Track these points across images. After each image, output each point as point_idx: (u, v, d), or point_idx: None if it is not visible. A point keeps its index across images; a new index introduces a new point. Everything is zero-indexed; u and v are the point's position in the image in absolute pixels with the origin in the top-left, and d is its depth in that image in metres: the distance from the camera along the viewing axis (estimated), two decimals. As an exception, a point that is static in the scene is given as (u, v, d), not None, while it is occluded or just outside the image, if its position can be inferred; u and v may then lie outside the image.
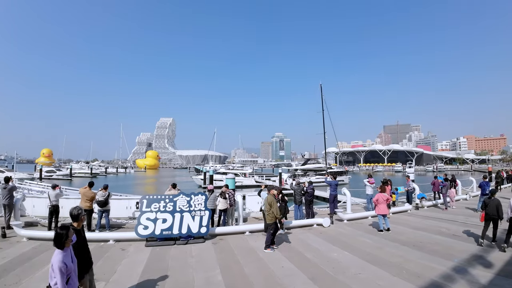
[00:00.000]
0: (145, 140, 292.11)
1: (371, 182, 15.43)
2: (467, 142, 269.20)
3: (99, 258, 7.98)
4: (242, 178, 45.80)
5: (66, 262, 3.75)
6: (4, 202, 11.00)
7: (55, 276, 3.65)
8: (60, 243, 3.76)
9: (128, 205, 13.48)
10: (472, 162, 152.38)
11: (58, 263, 3.64)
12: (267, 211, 9.15)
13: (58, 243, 3.77)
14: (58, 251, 3.78)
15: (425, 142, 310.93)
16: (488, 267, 7.07)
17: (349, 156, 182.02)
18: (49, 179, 54.53)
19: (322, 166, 55.58)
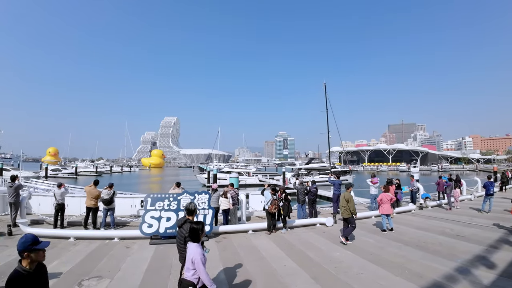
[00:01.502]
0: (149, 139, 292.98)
1: (374, 182, 15.42)
2: (472, 142, 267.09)
3: (104, 256, 8.10)
4: (245, 177, 45.85)
5: (204, 254, 4.11)
6: (11, 200, 11.15)
7: (193, 268, 4.00)
8: (196, 237, 4.18)
9: (132, 203, 13.58)
10: (478, 162, 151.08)
11: (199, 255, 3.99)
12: (344, 206, 9.57)
13: (194, 237, 4.18)
14: (195, 244, 4.15)
15: (430, 142, 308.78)
16: (491, 268, 7.06)
17: (353, 156, 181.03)
18: (54, 177, 55.04)
19: (326, 166, 55.43)
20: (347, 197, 9.63)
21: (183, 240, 4.86)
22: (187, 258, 4.11)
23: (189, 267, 4.07)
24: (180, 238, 4.99)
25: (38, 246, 2.94)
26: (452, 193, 16.23)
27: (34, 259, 2.93)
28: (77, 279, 6.44)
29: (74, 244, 9.21)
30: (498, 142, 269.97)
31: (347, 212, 9.55)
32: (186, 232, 4.73)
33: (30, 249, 2.90)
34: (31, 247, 2.90)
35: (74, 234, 9.80)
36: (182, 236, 4.90)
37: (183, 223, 5.03)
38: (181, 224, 5.04)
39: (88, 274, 6.76)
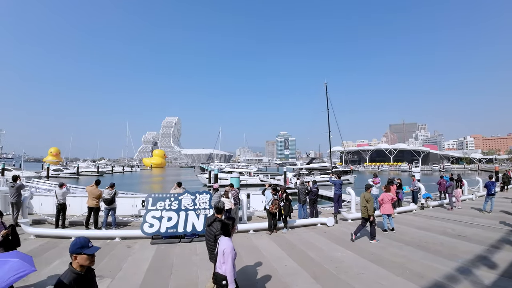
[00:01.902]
0: (151, 139, 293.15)
1: (375, 182, 15.40)
2: (474, 142, 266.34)
3: (105, 255, 8.12)
4: (247, 177, 45.87)
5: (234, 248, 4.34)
6: (12, 200, 11.18)
7: (224, 261, 4.21)
8: (228, 232, 4.44)
9: (134, 203, 13.61)
10: (479, 161, 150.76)
11: (230, 248, 4.21)
12: (364, 206, 9.67)
13: (226, 232, 4.44)
14: (227, 238, 4.40)
15: (432, 141, 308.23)
16: (492, 268, 7.05)
17: (355, 155, 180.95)
18: (56, 177, 55.17)
19: (327, 165, 55.38)
20: (367, 198, 9.76)
21: (213, 238, 5.03)
22: (219, 251, 4.30)
23: (221, 261, 4.26)
24: (209, 236, 5.15)
25: (85, 250, 2.95)
26: (453, 193, 16.20)
27: (80, 262, 2.94)
28: (79, 279, 6.45)
29: (76, 244, 9.21)
30: (499, 141, 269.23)
31: (367, 212, 9.67)
32: (216, 230, 5.00)
33: (78, 252, 2.92)
34: (79, 250, 2.93)
35: (75, 234, 9.81)
36: (212, 234, 5.07)
37: (212, 221, 5.23)
38: (211, 223, 5.23)
39: (90, 273, 6.77)
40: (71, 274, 2.89)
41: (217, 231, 4.97)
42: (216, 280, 4.32)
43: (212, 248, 5.05)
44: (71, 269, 2.94)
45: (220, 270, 4.28)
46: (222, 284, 4.20)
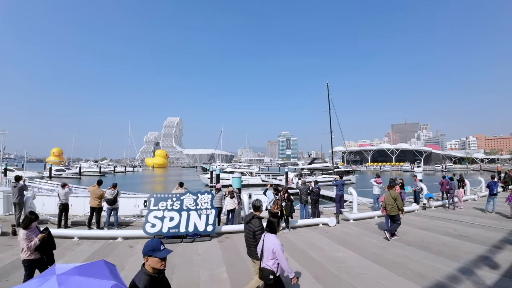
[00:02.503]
0: (152, 139, 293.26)
1: (378, 182, 15.37)
2: (476, 141, 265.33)
3: (108, 255, 8.16)
4: (248, 177, 45.84)
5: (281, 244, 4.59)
6: (14, 201, 11.25)
7: (273, 257, 4.49)
8: (274, 229, 4.74)
9: (136, 203, 13.67)
10: (482, 161, 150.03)
11: (279, 245, 4.51)
12: (391, 204, 10.03)
13: (273, 229, 4.73)
14: (274, 235, 4.68)
15: (434, 141, 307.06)
16: (494, 268, 7.04)
17: (357, 155, 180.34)
18: (58, 177, 55.38)
19: (328, 166, 55.30)
20: (394, 195, 10.09)
21: (252, 234, 5.23)
22: (267, 248, 4.56)
23: (268, 257, 4.52)
24: (249, 233, 5.34)
25: (156, 253, 2.96)
26: (455, 193, 16.16)
27: (152, 265, 2.96)
28: (81, 279, 6.49)
29: (78, 244, 9.28)
30: (502, 141, 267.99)
31: (394, 210, 9.99)
32: (255, 226, 5.21)
33: (149, 255, 2.95)
34: (151, 253, 2.95)
35: (78, 234, 9.88)
36: (251, 230, 5.26)
37: (251, 218, 5.42)
38: (249, 220, 5.42)
39: (92, 273, 6.81)
40: (144, 276, 2.90)
41: (256, 227, 5.20)
42: (263, 275, 4.59)
43: (251, 244, 5.29)
44: (144, 270, 2.96)
45: (267, 266, 4.54)
46: (270, 278, 4.51)
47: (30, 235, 5.29)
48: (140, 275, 2.92)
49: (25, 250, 5.22)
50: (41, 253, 5.43)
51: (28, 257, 5.25)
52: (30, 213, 5.55)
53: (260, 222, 5.37)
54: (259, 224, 5.30)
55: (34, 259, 5.32)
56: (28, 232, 5.29)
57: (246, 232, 5.43)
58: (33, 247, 5.24)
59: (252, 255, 5.34)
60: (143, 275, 2.90)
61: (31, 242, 5.23)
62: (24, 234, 5.23)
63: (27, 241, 5.21)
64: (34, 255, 5.30)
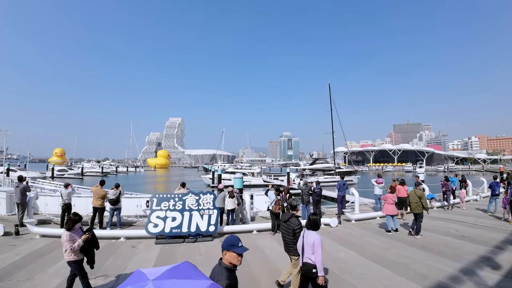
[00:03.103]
0: (154, 139, 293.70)
1: (379, 182, 15.36)
2: (478, 142, 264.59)
3: (110, 255, 8.20)
4: (250, 178, 45.85)
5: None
6: (17, 201, 11.32)
7: (314, 251, 4.78)
8: (316, 226, 5.06)
9: (138, 203, 13.72)
10: (484, 162, 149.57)
11: (319, 240, 4.83)
12: (416, 202, 10.37)
13: (315, 226, 5.04)
14: (315, 232, 5.00)
15: (436, 142, 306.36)
16: (496, 269, 7.04)
17: (358, 156, 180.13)
18: (61, 178, 55.52)
19: (330, 166, 55.27)
20: (419, 194, 10.47)
21: (292, 232, 5.54)
22: (308, 244, 4.86)
23: (310, 252, 4.83)
24: (288, 231, 5.63)
25: (235, 249, 3.08)
26: (458, 193, 16.13)
27: (229, 259, 3.07)
28: (84, 278, 6.53)
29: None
30: (504, 142, 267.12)
31: (419, 208, 10.30)
32: (294, 225, 5.53)
33: (228, 249, 3.07)
34: (230, 247, 3.08)
35: (80, 234, 9.90)
36: (291, 228, 5.57)
37: (289, 217, 5.73)
38: (288, 219, 5.72)
39: (95, 273, 6.84)
40: (224, 270, 3.02)
41: (296, 226, 5.51)
42: (306, 269, 4.89)
43: (289, 241, 5.61)
44: (223, 264, 3.07)
45: (309, 260, 4.84)
46: (312, 272, 4.77)
47: (74, 237, 5.31)
48: (219, 268, 3.04)
49: (69, 251, 5.24)
50: (85, 254, 5.49)
51: (72, 258, 5.29)
52: (74, 215, 5.57)
53: (299, 221, 5.69)
54: (298, 223, 5.62)
55: (78, 259, 5.38)
56: (72, 233, 5.32)
57: (285, 230, 5.73)
58: (76, 248, 5.26)
59: (290, 251, 5.64)
60: (223, 269, 3.02)
61: (75, 244, 5.25)
62: (68, 236, 5.25)
63: (70, 242, 5.23)
64: (77, 256, 5.35)
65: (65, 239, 5.22)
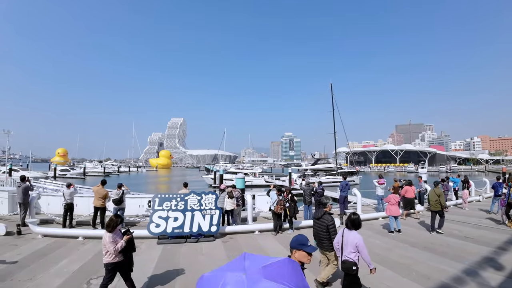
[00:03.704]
0: (156, 139, 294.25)
1: (380, 183, 15.32)
2: (481, 142, 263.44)
3: (112, 255, 8.19)
4: (251, 178, 45.83)
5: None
6: (20, 201, 11.34)
7: (355, 251, 4.97)
8: (358, 225, 5.22)
9: (140, 203, 13.73)
10: (486, 162, 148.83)
11: (362, 240, 5.03)
12: (436, 200, 10.89)
13: (356, 225, 5.21)
14: (356, 231, 5.18)
15: (438, 142, 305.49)
16: (499, 270, 7.00)
17: (360, 156, 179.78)
18: (63, 177, 55.73)
19: (332, 166, 55.21)
20: (438, 193, 10.96)
21: (325, 228, 5.79)
22: (349, 243, 5.05)
23: (351, 250, 5.02)
24: (321, 228, 5.88)
25: (304, 247, 3.10)
26: (460, 194, 16.05)
27: (299, 258, 3.09)
28: (86, 278, 6.55)
29: (83, 243, 9.34)
30: (507, 142, 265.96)
31: (438, 206, 10.81)
32: (328, 222, 5.79)
33: (298, 248, 3.11)
34: (300, 246, 3.12)
35: (82, 234, 9.94)
36: (324, 225, 5.82)
37: (322, 214, 5.97)
38: (321, 216, 5.97)
39: (97, 273, 6.85)
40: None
41: (329, 222, 5.79)
42: (345, 266, 5.09)
43: (323, 237, 5.86)
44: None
45: (349, 258, 5.04)
46: (353, 268, 5.02)
47: (116, 238, 5.32)
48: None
49: (111, 253, 5.24)
50: (124, 255, 5.49)
51: (112, 260, 5.28)
52: (115, 216, 5.55)
53: (332, 218, 5.97)
54: (332, 220, 5.90)
55: (118, 261, 5.37)
56: (113, 234, 5.32)
57: (318, 226, 5.99)
58: (119, 249, 5.27)
59: (324, 247, 5.88)
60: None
61: (117, 245, 5.26)
62: (110, 237, 5.25)
63: (113, 244, 5.23)
64: (118, 257, 5.35)
65: (108, 241, 5.20)
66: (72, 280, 6.45)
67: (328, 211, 6.13)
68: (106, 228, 5.36)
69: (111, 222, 5.36)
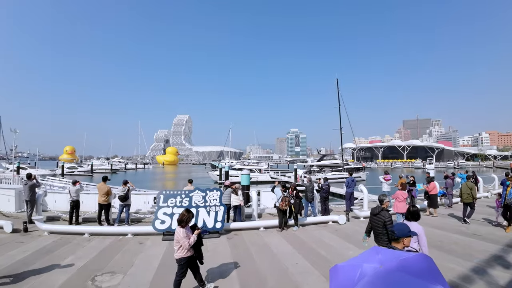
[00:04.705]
0: (162, 137, 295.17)
1: (387, 179, 15.15)
2: (489, 138, 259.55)
3: (118, 251, 8.24)
4: (257, 174, 45.82)
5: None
6: (26, 198, 11.44)
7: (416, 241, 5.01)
8: (419, 217, 5.42)
9: (146, 200, 13.81)
10: (495, 158, 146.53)
11: (423, 230, 5.14)
12: (467, 193, 11.59)
13: (417, 217, 5.39)
14: (416, 222, 5.29)
15: (446, 138, 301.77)
16: (508, 268, 6.87)
17: (367, 152, 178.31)
18: (71, 175, 56.26)
19: (338, 162, 54.88)
20: (470, 186, 11.72)
21: (382, 224, 5.94)
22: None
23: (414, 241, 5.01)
24: (378, 223, 6.04)
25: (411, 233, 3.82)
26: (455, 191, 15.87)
27: (406, 244, 3.76)
28: (91, 274, 6.58)
29: (89, 240, 9.39)
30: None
31: (470, 198, 11.51)
32: (385, 218, 5.92)
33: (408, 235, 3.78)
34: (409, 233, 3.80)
35: (88, 230, 10.00)
36: (381, 221, 5.97)
37: (380, 211, 6.13)
38: (378, 212, 6.12)
39: (102, 269, 6.89)
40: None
41: (387, 218, 5.91)
42: None
43: (380, 232, 6.00)
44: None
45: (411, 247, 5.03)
46: None
47: (188, 233, 5.43)
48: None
49: (185, 248, 5.34)
50: (195, 250, 5.61)
51: (185, 254, 5.38)
52: (187, 211, 5.65)
53: (389, 214, 6.09)
54: (389, 216, 6.02)
55: (190, 256, 5.47)
56: (186, 229, 5.43)
57: (375, 222, 6.14)
58: (192, 243, 5.39)
59: (379, 242, 5.98)
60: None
61: (190, 239, 5.37)
62: (184, 232, 5.35)
63: (187, 238, 5.33)
64: (190, 252, 5.46)
65: (182, 236, 5.31)
66: (77, 277, 6.48)
67: (386, 208, 6.31)
68: (179, 224, 5.45)
69: (183, 217, 5.47)
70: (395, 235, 3.82)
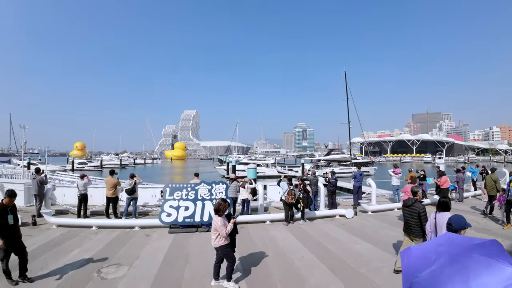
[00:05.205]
0: (170, 132, 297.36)
1: (396, 173, 14.91)
2: (500, 132, 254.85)
3: (124, 244, 8.27)
4: (264, 169, 45.78)
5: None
6: (34, 192, 11.56)
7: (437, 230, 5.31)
8: (449, 208, 5.54)
9: (153, 193, 13.89)
10: (505, 153, 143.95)
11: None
12: (492, 186, 11.78)
13: (447, 208, 5.50)
14: (448, 212, 5.40)
15: (457, 132, 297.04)
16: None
17: (375, 146, 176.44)
18: (81, 170, 56.98)
19: (346, 157, 54.43)
20: (495, 178, 11.91)
21: (417, 215, 5.99)
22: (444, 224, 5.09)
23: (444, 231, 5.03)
24: (412, 214, 6.09)
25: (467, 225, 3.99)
26: (479, 185, 15.57)
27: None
28: (97, 267, 6.60)
29: (96, 233, 9.45)
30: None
31: (494, 190, 11.65)
32: (419, 209, 5.98)
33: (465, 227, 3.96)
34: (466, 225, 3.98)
35: (96, 223, 10.07)
36: (416, 212, 6.02)
37: (413, 202, 6.16)
38: (412, 203, 6.14)
39: (108, 261, 6.91)
40: None
41: (421, 210, 5.97)
42: None
43: (413, 223, 6.08)
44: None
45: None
46: None
47: (225, 221, 5.57)
48: None
49: (222, 235, 5.49)
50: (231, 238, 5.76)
51: (223, 242, 5.55)
52: (223, 200, 5.81)
53: (423, 206, 6.15)
54: (423, 207, 6.08)
55: (228, 243, 5.65)
56: (222, 218, 5.58)
57: (408, 214, 6.18)
58: (229, 231, 5.53)
59: (413, 233, 6.08)
60: None
61: (227, 227, 5.51)
62: (221, 221, 5.51)
63: (224, 227, 5.46)
64: (227, 240, 5.61)
65: (220, 224, 5.46)
66: (83, 269, 6.50)
67: (419, 199, 6.33)
68: (216, 213, 5.61)
69: (220, 206, 5.65)
70: (452, 228, 3.85)
